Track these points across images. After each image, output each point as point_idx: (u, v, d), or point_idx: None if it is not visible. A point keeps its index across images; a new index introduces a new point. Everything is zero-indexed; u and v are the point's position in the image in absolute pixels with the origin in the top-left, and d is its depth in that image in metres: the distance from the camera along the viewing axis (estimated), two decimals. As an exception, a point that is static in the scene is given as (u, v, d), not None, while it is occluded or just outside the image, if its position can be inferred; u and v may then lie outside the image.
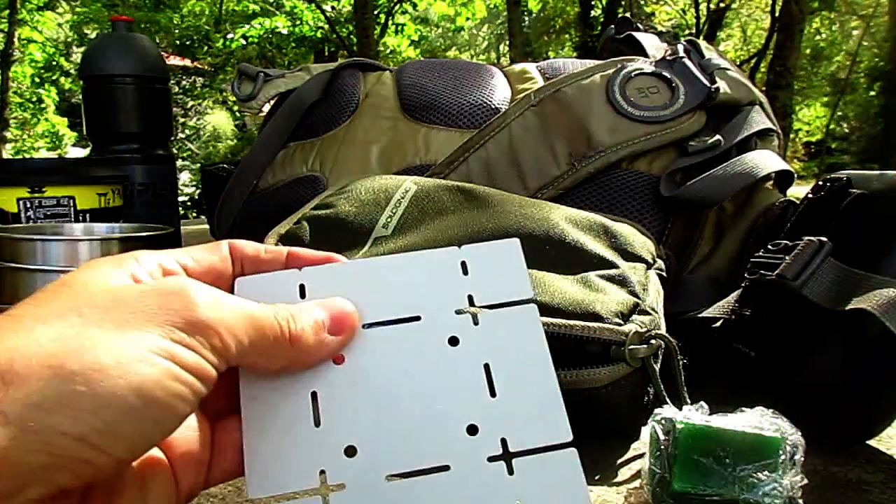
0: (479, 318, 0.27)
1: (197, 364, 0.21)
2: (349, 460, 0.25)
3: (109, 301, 0.21)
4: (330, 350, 0.26)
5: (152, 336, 0.21)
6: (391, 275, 0.27)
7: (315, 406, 0.25)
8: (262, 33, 9.12)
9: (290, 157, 0.80)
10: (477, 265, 0.28)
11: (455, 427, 0.25)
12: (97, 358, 0.19)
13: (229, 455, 0.26)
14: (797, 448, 0.39)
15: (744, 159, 0.69)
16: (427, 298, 0.27)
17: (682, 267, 0.71)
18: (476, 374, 0.26)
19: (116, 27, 1.17)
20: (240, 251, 0.27)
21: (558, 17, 10.77)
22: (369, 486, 0.24)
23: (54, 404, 0.18)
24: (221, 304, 0.23)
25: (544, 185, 0.71)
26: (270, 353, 0.24)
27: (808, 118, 11.14)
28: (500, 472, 0.25)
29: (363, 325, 0.26)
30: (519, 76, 0.81)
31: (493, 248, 0.28)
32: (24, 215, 0.86)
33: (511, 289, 0.28)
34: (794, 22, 6.15)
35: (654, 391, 0.48)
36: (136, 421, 0.20)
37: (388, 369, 0.26)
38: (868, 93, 9.69)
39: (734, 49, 10.87)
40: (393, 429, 0.25)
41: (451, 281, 0.27)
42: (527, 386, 0.26)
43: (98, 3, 8.59)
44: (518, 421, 0.25)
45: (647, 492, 0.41)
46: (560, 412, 0.26)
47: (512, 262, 0.28)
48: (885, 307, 0.45)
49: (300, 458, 0.25)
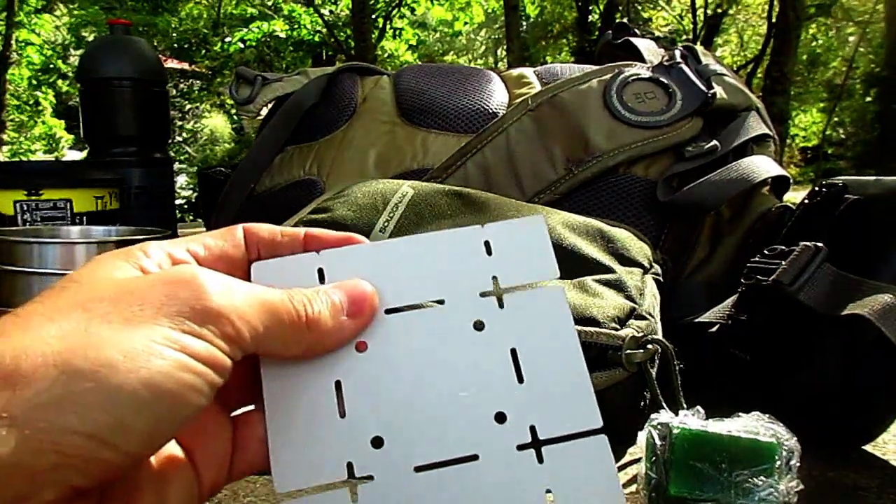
0: (504, 300, 0.26)
1: (209, 354, 0.21)
2: (376, 452, 0.24)
3: (116, 294, 0.21)
4: (349, 333, 0.25)
5: (161, 328, 0.20)
6: (413, 256, 0.26)
7: (339, 396, 0.25)
8: (260, 37, 9.12)
9: (288, 161, 0.80)
10: (501, 244, 0.27)
11: (483, 415, 0.25)
12: (105, 353, 0.19)
13: (252, 448, 0.25)
14: (793, 453, 0.39)
15: (740, 164, 0.69)
16: (450, 281, 0.26)
17: (679, 272, 0.71)
18: (503, 360, 0.25)
19: (114, 30, 1.17)
20: (255, 235, 0.26)
21: (556, 21, 10.80)
22: (397, 478, 0.24)
23: (63, 403, 0.18)
24: (233, 291, 0.22)
25: (541, 189, 0.71)
26: (287, 339, 0.23)
27: (805, 124, 11.18)
28: (530, 461, 0.24)
29: (385, 310, 0.26)
30: (516, 81, 0.82)
31: (517, 226, 0.27)
32: (21, 218, 0.86)
33: (536, 269, 0.27)
34: (791, 28, 6.18)
35: (650, 396, 0.48)
36: (148, 415, 0.19)
37: (413, 356, 0.25)
38: (864, 98, 9.72)
39: (731, 55, 10.91)
40: (419, 418, 0.24)
41: (475, 262, 0.27)
42: (555, 371, 0.25)
43: (96, 6, 8.59)
44: (547, 407, 0.25)
45: (644, 497, 0.41)
46: (589, 397, 0.25)
47: (536, 241, 0.27)
48: (880, 312, 0.46)
49: (326, 450, 0.24)
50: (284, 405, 0.24)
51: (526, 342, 0.26)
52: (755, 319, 0.55)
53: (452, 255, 0.27)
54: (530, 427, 0.25)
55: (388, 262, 0.26)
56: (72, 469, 0.18)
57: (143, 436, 0.19)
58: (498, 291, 0.26)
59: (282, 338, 0.23)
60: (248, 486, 0.44)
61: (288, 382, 0.25)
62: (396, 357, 0.25)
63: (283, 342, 0.23)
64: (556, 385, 0.25)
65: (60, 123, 9.64)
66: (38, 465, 0.18)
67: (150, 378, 0.19)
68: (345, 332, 0.25)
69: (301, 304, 0.24)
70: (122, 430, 0.19)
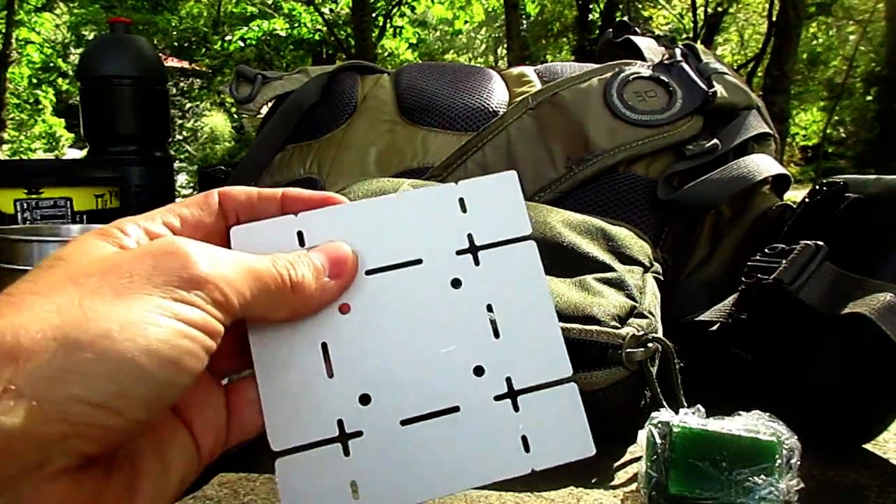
0: (479, 257, 0.27)
1: (203, 320, 0.21)
2: (364, 408, 0.25)
3: (104, 269, 0.21)
4: (331, 294, 0.26)
5: (153, 298, 0.21)
6: (390, 216, 0.27)
7: (326, 357, 0.26)
8: (261, 35, 9.11)
9: (288, 159, 0.80)
10: (475, 201, 0.28)
11: (462, 369, 0.26)
12: (101, 325, 0.19)
13: (245, 415, 0.26)
14: (793, 452, 0.39)
15: (741, 163, 0.69)
16: (427, 240, 0.27)
17: (680, 270, 0.71)
18: (480, 316, 0.27)
19: (114, 29, 1.17)
20: (232, 199, 0.27)
21: (556, 20, 10.79)
22: (385, 432, 0.25)
23: (67, 374, 0.19)
24: (218, 259, 0.23)
25: (542, 188, 0.71)
26: (273, 304, 0.24)
27: (805, 122, 11.17)
28: (507, 410, 0.26)
29: (366, 271, 0.27)
30: (517, 79, 0.82)
31: (490, 183, 0.28)
32: (21, 216, 0.86)
33: (510, 225, 0.28)
34: (791, 26, 6.17)
35: (650, 394, 0.48)
36: (150, 382, 0.20)
37: (394, 315, 0.26)
38: (865, 97, 9.72)
39: (731, 53, 10.90)
40: (403, 375, 0.26)
41: (451, 220, 0.27)
42: (528, 324, 0.27)
43: (96, 5, 8.59)
44: (521, 359, 0.26)
45: (644, 495, 0.41)
46: (560, 349, 0.27)
47: (510, 197, 0.28)
48: (881, 311, 0.46)
49: (317, 409, 0.25)
50: (274, 369, 0.25)
51: (501, 298, 0.27)
52: (756, 318, 0.55)
53: (429, 213, 0.27)
54: (506, 378, 0.26)
55: (367, 222, 0.27)
56: (80, 437, 0.19)
57: (146, 402, 0.20)
58: (473, 249, 0.27)
59: (268, 302, 0.24)
60: (248, 485, 0.44)
61: (276, 347, 0.26)
62: (378, 317, 0.26)
63: (270, 306, 0.24)
64: (530, 338, 0.27)
65: (60, 122, 9.64)
66: (48, 434, 0.18)
67: (149, 346, 0.20)
68: (328, 294, 0.26)
69: (285, 268, 0.24)
70: (126, 398, 0.19)
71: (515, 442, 0.26)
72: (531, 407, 0.26)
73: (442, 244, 0.27)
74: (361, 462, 0.25)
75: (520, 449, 0.26)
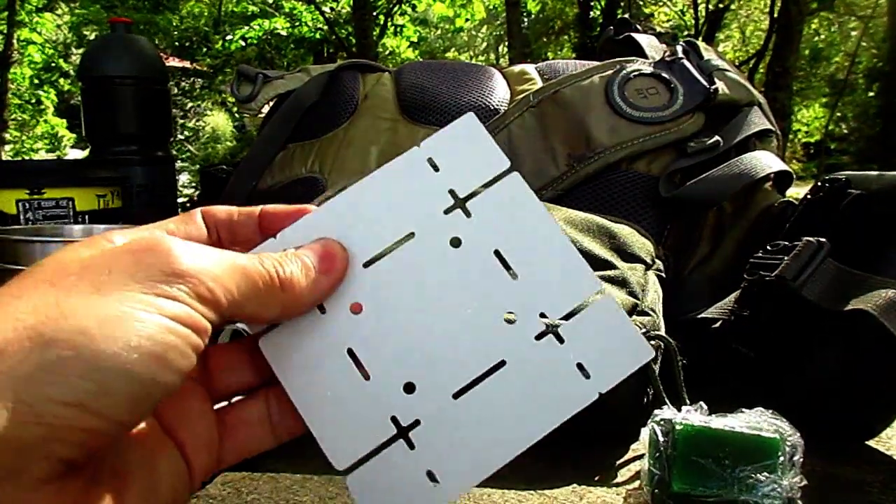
0: (469, 209, 0.26)
1: (188, 315, 0.20)
2: (412, 397, 0.25)
3: (82, 268, 0.20)
4: (323, 290, 0.25)
5: (133, 293, 0.20)
6: (366, 201, 0.26)
7: (356, 361, 0.25)
8: (262, 35, 9.11)
9: (290, 158, 0.80)
10: (443, 156, 0.27)
11: (493, 322, 0.25)
12: (80, 322, 0.18)
13: (242, 435, 0.25)
14: (796, 449, 0.39)
15: (743, 160, 0.69)
16: (411, 210, 0.26)
17: (682, 267, 0.71)
18: (490, 265, 0.26)
19: (115, 29, 1.17)
20: (213, 217, 0.26)
21: (557, 18, 10.77)
22: (441, 412, 0.25)
23: (43, 374, 0.18)
24: (202, 254, 0.22)
25: (543, 185, 0.71)
26: (263, 301, 0.23)
27: (807, 119, 11.15)
28: (552, 345, 0.25)
29: (363, 265, 0.26)
30: (518, 77, 0.81)
31: (451, 132, 0.27)
32: (24, 217, 0.86)
33: (486, 166, 0.27)
34: (793, 23, 6.16)
35: (653, 392, 0.48)
36: (132, 380, 0.19)
37: (407, 298, 0.26)
38: (867, 93, 9.69)
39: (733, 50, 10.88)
40: (437, 351, 0.25)
41: (427, 182, 0.26)
42: (541, 255, 0.26)
43: (97, 5, 8.58)
44: (547, 292, 0.26)
45: (647, 493, 0.41)
46: (581, 266, 0.26)
47: (476, 138, 0.27)
48: (883, 308, 0.46)
49: (366, 415, 0.25)
50: (307, 387, 0.25)
51: (504, 240, 0.26)
52: (758, 315, 0.54)
53: (403, 184, 0.27)
54: (540, 315, 0.25)
55: (346, 217, 0.26)
56: (60, 441, 0.18)
57: (128, 401, 0.19)
58: (460, 203, 0.26)
59: (257, 300, 0.23)
60: (251, 484, 0.44)
61: (300, 364, 0.25)
62: (393, 305, 0.26)
63: (259, 304, 0.23)
64: (548, 268, 0.26)
65: (62, 122, 9.64)
66: (25, 438, 0.17)
67: (129, 341, 0.19)
68: (319, 290, 0.25)
69: (272, 265, 0.24)
70: (106, 396, 0.18)
71: (572, 373, 0.25)
72: (575, 333, 0.25)
73: (427, 210, 0.26)
74: (429, 449, 0.24)
75: (579, 378, 0.25)
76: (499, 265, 0.26)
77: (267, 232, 0.26)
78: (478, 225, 0.26)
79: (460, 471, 0.24)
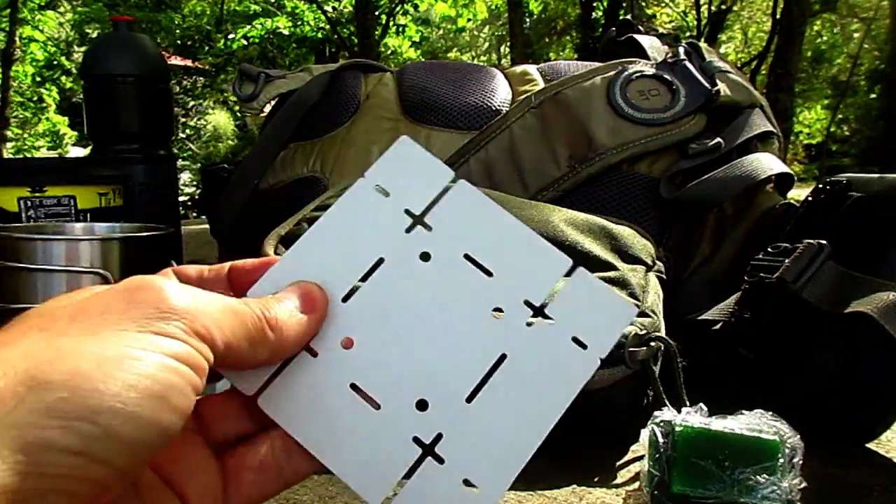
0: (427, 223, 0.27)
1: (186, 353, 0.20)
2: (427, 413, 0.25)
3: (74, 312, 0.20)
4: (309, 330, 0.25)
5: (129, 332, 0.19)
6: (328, 239, 0.27)
7: (362, 394, 0.25)
8: (264, 34, 9.12)
9: (291, 158, 0.80)
10: (390, 181, 0.28)
11: (482, 321, 0.26)
12: (75, 364, 0.18)
13: (246, 481, 0.24)
14: (796, 451, 0.39)
15: (744, 162, 0.69)
16: (374, 238, 0.27)
17: (682, 269, 0.71)
18: (464, 269, 0.27)
19: (118, 27, 1.17)
20: (184, 275, 0.26)
21: (559, 18, 10.77)
22: (460, 419, 0.25)
23: (39, 418, 0.17)
24: (195, 293, 0.21)
25: (544, 186, 0.71)
26: (253, 344, 0.23)
27: (809, 121, 11.15)
28: (544, 326, 0.26)
29: (342, 300, 0.26)
30: (520, 78, 0.81)
31: (391, 156, 0.28)
32: (25, 215, 0.86)
33: (432, 181, 0.28)
34: (795, 24, 6.15)
35: (653, 393, 0.48)
36: (134, 421, 0.18)
37: (394, 320, 0.26)
38: (869, 95, 9.69)
39: (735, 51, 10.88)
40: (438, 362, 0.26)
41: (381, 208, 0.27)
42: (509, 248, 0.27)
43: (99, 3, 8.59)
44: (524, 279, 0.27)
45: (647, 494, 0.41)
46: (548, 249, 0.27)
47: (415, 158, 0.28)
48: (884, 310, 0.46)
49: (388, 443, 0.25)
50: (319, 432, 0.25)
51: (471, 242, 0.27)
52: (759, 317, 0.54)
53: (359, 215, 0.27)
54: (524, 302, 0.26)
55: (312, 258, 0.27)
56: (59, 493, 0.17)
57: (131, 446, 0.18)
58: (418, 220, 0.27)
59: (247, 342, 0.22)
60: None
61: (306, 412, 0.25)
62: (382, 330, 0.26)
63: (250, 346, 0.23)
64: (518, 257, 0.27)
65: (64, 120, 9.66)
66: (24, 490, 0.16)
67: (129, 381, 0.18)
68: (304, 330, 0.25)
69: (259, 308, 0.23)
70: (108, 441, 0.17)
71: (571, 347, 0.26)
72: (561, 310, 0.26)
73: (389, 233, 0.27)
74: (459, 458, 0.25)
75: (578, 350, 0.26)
76: (472, 267, 0.27)
77: (236, 287, 0.26)
78: (441, 236, 0.27)
79: (496, 469, 0.25)
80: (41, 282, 0.61)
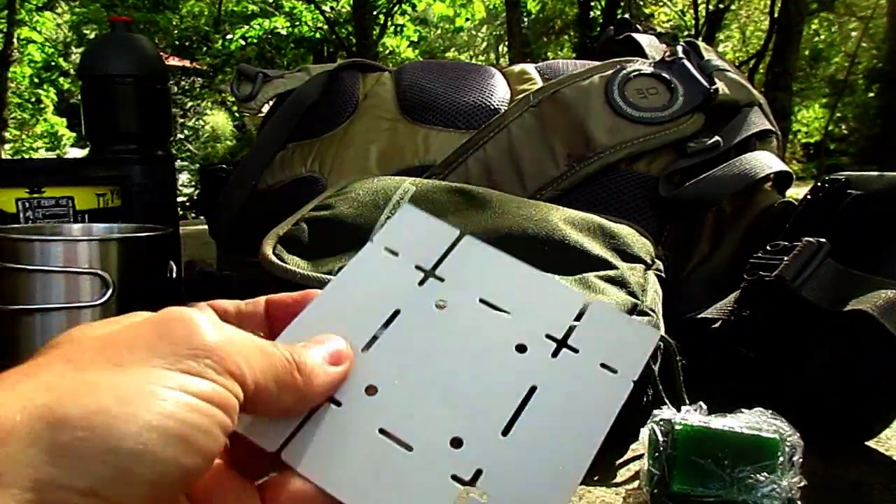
0: (439, 274, 0.28)
1: (215, 392, 0.19)
2: (463, 450, 0.25)
3: (100, 344, 0.19)
4: (334, 380, 0.24)
5: (156, 370, 0.18)
6: (341, 298, 0.28)
7: (392, 438, 0.25)
8: (262, 34, 9.12)
9: (290, 158, 0.80)
10: (398, 242, 0.29)
11: (507, 356, 0.26)
12: (96, 399, 0.17)
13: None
14: (796, 449, 0.39)
15: (743, 160, 0.69)
16: (389, 292, 0.28)
17: (681, 268, 0.71)
18: (482, 311, 0.27)
19: (115, 27, 1.16)
20: (221, 309, 0.26)
21: (557, 17, 10.77)
22: (498, 453, 0.24)
23: (55, 457, 0.16)
24: (227, 329, 0.21)
25: (543, 185, 0.71)
26: (281, 387, 0.22)
27: (807, 119, 11.15)
28: (570, 356, 0.26)
29: (361, 349, 0.26)
30: (518, 77, 0.81)
31: (397, 221, 0.30)
32: (23, 216, 0.86)
33: (441, 239, 0.29)
34: (793, 23, 6.16)
35: (652, 392, 0.48)
36: (153, 463, 0.17)
37: (418, 365, 0.26)
38: (867, 94, 9.70)
39: (733, 50, 10.88)
40: (467, 401, 0.25)
41: (393, 266, 0.29)
42: (522, 288, 0.28)
43: (97, 4, 8.59)
44: (543, 315, 0.27)
45: (646, 493, 0.41)
46: (561, 287, 0.28)
47: (422, 223, 0.30)
48: (883, 308, 0.46)
49: (426, 483, 0.24)
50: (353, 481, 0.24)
51: (484, 288, 0.28)
52: (758, 315, 0.54)
53: (371, 275, 0.29)
54: (546, 336, 0.27)
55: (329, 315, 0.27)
56: None
57: (150, 487, 0.17)
58: (430, 273, 0.28)
59: (276, 385, 0.22)
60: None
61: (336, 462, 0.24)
62: (407, 375, 0.26)
63: (277, 389, 0.22)
64: (533, 296, 0.28)
65: (62, 121, 9.64)
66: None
67: (150, 422, 0.17)
68: (331, 379, 0.24)
69: (289, 352, 0.23)
70: (125, 483, 0.17)
71: (600, 374, 0.26)
72: (585, 339, 0.26)
73: (403, 287, 0.28)
74: (503, 492, 0.24)
75: (607, 376, 0.26)
76: (489, 309, 0.27)
77: (273, 321, 0.26)
78: (454, 284, 0.28)
79: (544, 499, 0.24)
80: (39, 282, 0.61)
